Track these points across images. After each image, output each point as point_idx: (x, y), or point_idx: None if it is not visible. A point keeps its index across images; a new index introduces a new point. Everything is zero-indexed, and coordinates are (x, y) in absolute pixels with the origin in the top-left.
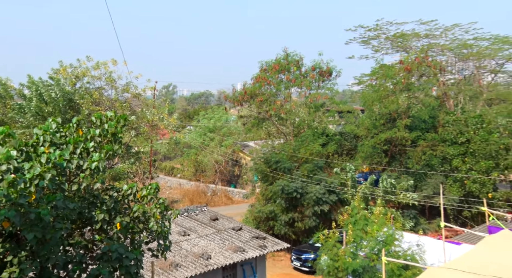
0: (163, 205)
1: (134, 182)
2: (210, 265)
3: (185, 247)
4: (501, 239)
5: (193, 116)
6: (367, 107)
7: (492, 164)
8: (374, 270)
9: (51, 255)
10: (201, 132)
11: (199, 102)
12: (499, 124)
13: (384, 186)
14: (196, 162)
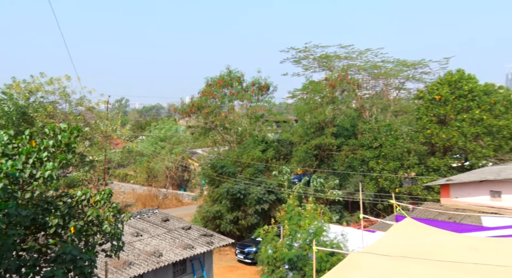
0: (116, 208)
1: (88, 189)
2: (161, 262)
3: (138, 247)
4: (405, 225)
5: (145, 127)
6: (300, 117)
7: (398, 164)
8: (306, 258)
9: (3, 260)
10: (153, 142)
11: (150, 114)
12: (403, 132)
13: (315, 185)
14: (148, 168)
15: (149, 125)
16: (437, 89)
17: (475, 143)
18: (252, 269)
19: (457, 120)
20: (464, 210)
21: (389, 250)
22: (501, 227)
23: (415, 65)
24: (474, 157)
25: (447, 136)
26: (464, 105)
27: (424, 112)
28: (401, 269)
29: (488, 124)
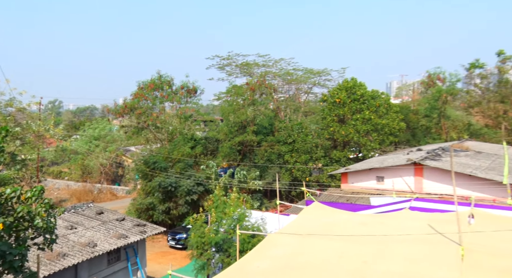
0: (48, 204)
1: (20, 186)
2: (96, 252)
3: (72, 239)
4: (313, 208)
5: (79, 127)
6: (225, 117)
7: (308, 157)
8: (231, 241)
9: None
10: (87, 140)
11: (84, 115)
12: (312, 129)
13: (239, 177)
14: (83, 165)
15: (83, 125)
16: (337, 94)
17: (366, 138)
18: (183, 253)
19: (353, 120)
20: (358, 193)
21: (300, 230)
22: (384, 205)
23: (320, 73)
24: (365, 149)
25: (346, 133)
26: (358, 107)
27: (328, 113)
28: (309, 244)
29: (375, 123)
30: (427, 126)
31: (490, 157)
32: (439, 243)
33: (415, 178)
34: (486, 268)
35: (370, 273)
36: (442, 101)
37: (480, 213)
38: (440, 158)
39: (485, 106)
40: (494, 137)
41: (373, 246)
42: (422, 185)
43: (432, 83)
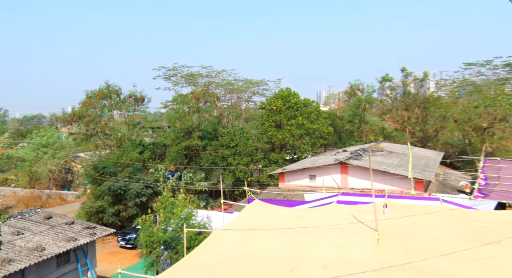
0: None
1: None
2: (44, 255)
3: (19, 244)
4: (254, 205)
5: (26, 135)
6: (172, 124)
7: (250, 159)
8: (179, 239)
9: None
10: (35, 148)
11: (32, 123)
12: (252, 134)
13: (186, 179)
14: (30, 172)
15: (31, 133)
16: (274, 102)
17: (300, 141)
18: (133, 252)
19: (288, 125)
20: (293, 190)
21: (243, 225)
22: (316, 200)
23: (258, 84)
24: (299, 151)
25: (282, 137)
26: (292, 114)
27: (266, 119)
28: (251, 238)
29: (307, 128)
30: (350, 130)
31: (399, 155)
32: (360, 230)
33: (341, 175)
34: (396, 248)
35: (304, 259)
36: (362, 109)
37: (392, 203)
38: (361, 157)
39: (394, 113)
40: (402, 139)
41: (307, 236)
42: (347, 181)
43: (353, 93)
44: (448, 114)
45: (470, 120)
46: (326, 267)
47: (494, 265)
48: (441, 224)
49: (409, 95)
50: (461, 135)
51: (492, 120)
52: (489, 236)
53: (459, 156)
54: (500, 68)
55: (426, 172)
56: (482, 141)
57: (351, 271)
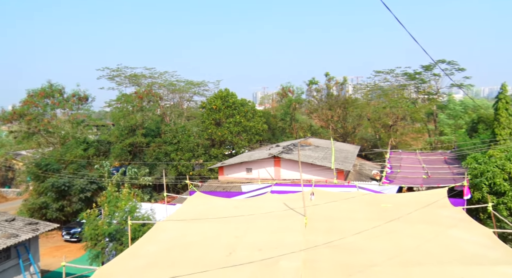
0: None
1: None
2: None
3: None
4: (195, 197)
5: None
6: (116, 122)
7: (191, 154)
8: (123, 231)
9: None
10: None
11: None
12: (193, 131)
13: (130, 174)
14: None
15: None
16: (214, 102)
17: (238, 137)
18: (78, 246)
19: (227, 123)
20: (232, 183)
21: (185, 216)
22: (252, 191)
23: (199, 85)
24: (237, 147)
25: (221, 134)
26: (230, 112)
27: (206, 118)
28: (193, 227)
29: (244, 125)
30: (283, 127)
31: (324, 149)
32: (291, 216)
33: (274, 168)
34: (321, 230)
35: (241, 244)
36: (293, 108)
37: (318, 191)
38: (292, 152)
39: (320, 112)
40: (326, 135)
41: (243, 224)
42: (280, 173)
43: (285, 94)
44: (363, 113)
45: (380, 119)
46: (261, 249)
47: (395, 238)
48: (357, 207)
49: (332, 97)
50: (373, 131)
51: (396, 119)
52: (392, 215)
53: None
54: (400, 76)
55: (346, 163)
56: (388, 136)
57: (283, 252)
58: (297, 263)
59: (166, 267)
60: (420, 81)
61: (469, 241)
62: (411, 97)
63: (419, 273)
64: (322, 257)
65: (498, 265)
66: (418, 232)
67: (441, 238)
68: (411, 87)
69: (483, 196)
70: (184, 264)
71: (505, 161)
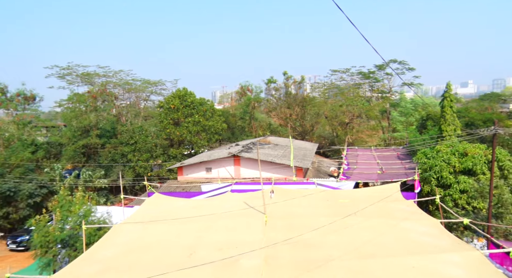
0: None
1: None
2: None
3: None
4: (154, 199)
5: None
6: (68, 123)
7: (149, 155)
8: (77, 236)
9: None
10: None
11: None
12: (151, 131)
13: (84, 177)
14: None
15: None
16: (172, 101)
17: (197, 137)
18: (26, 255)
19: (185, 122)
20: (191, 183)
21: (143, 218)
22: (212, 190)
23: (156, 84)
24: (196, 146)
25: (180, 133)
26: (189, 112)
27: (164, 117)
28: (151, 229)
29: (203, 125)
30: (242, 126)
31: (283, 147)
32: (251, 214)
33: (234, 167)
34: (281, 227)
35: (201, 245)
36: (252, 107)
37: (277, 188)
38: (251, 150)
39: (279, 111)
40: (285, 133)
41: (203, 224)
42: (240, 172)
43: (244, 93)
44: (320, 112)
45: (337, 117)
46: (221, 249)
47: (352, 232)
48: (316, 203)
49: (290, 95)
50: (331, 129)
51: (352, 117)
52: (349, 210)
53: (329, 146)
54: (355, 75)
55: (305, 161)
56: (345, 134)
57: (243, 251)
58: (258, 261)
59: (123, 271)
60: (374, 80)
61: (419, 232)
62: (366, 96)
63: (375, 265)
64: (282, 254)
65: (444, 252)
66: (373, 225)
67: (394, 230)
68: (366, 86)
69: (432, 189)
70: (143, 267)
71: (451, 155)
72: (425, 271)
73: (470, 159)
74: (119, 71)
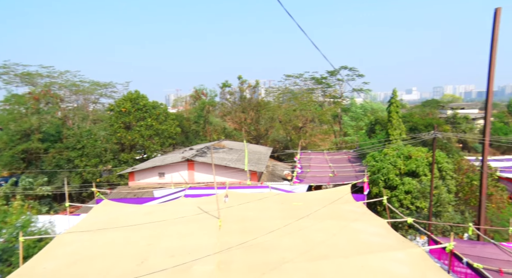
0: None
1: None
2: None
3: None
4: (103, 206)
5: None
6: (4, 126)
7: (98, 160)
8: (13, 249)
9: None
10: None
11: None
12: (101, 135)
13: (24, 185)
14: None
15: None
16: (123, 104)
17: (150, 141)
18: None
19: (138, 126)
20: (143, 188)
21: (90, 226)
22: (165, 195)
23: (106, 86)
24: (149, 151)
25: (132, 138)
26: (141, 115)
27: (115, 121)
28: (99, 238)
29: (156, 128)
30: (196, 130)
31: (238, 151)
32: (205, 219)
33: (188, 171)
34: (235, 231)
35: (153, 252)
36: (206, 111)
37: (232, 193)
38: (206, 154)
39: (234, 115)
40: (240, 137)
41: (155, 230)
42: (194, 176)
43: (198, 97)
44: (275, 116)
45: (290, 121)
46: (173, 256)
47: (305, 234)
48: (269, 207)
49: (245, 99)
50: (285, 133)
51: (305, 121)
52: (302, 212)
53: (283, 150)
54: (308, 80)
55: (259, 165)
56: (299, 138)
57: (197, 256)
58: (211, 266)
59: None
60: (326, 85)
61: (368, 232)
62: (318, 101)
63: (327, 265)
64: (236, 258)
65: (390, 251)
66: (326, 227)
67: (345, 231)
68: (319, 91)
69: (380, 190)
70: None
71: (396, 158)
72: (373, 269)
73: (413, 161)
74: (65, 72)
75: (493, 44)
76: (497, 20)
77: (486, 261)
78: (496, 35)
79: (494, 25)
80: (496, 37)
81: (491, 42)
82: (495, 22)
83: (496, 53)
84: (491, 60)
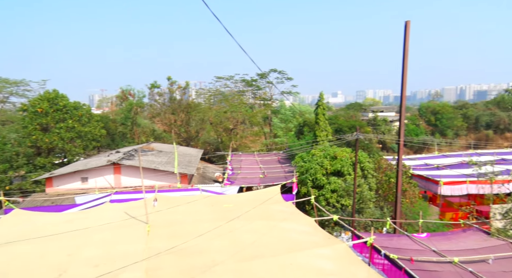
0: None
1: None
2: None
3: None
4: (12, 216)
5: None
6: None
7: (8, 165)
8: None
9: None
10: None
11: None
12: (11, 138)
13: None
14: None
15: None
16: (39, 104)
17: (71, 144)
18: None
19: (57, 128)
20: (63, 195)
21: None
22: (88, 202)
23: (17, 84)
24: (70, 155)
25: (50, 140)
26: (61, 116)
27: (29, 122)
28: (9, 252)
29: (78, 131)
30: (123, 132)
31: (167, 154)
32: (133, 225)
33: (114, 175)
34: (164, 236)
35: (74, 263)
36: (134, 112)
37: (161, 196)
38: (133, 157)
39: (163, 116)
40: (169, 139)
41: (77, 240)
42: (121, 180)
43: (125, 98)
44: (205, 117)
45: (221, 123)
46: (97, 265)
47: (235, 235)
48: (200, 209)
49: (175, 101)
50: (216, 135)
51: (236, 123)
52: (233, 214)
53: (215, 152)
54: (239, 83)
55: (190, 167)
56: (230, 139)
57: (123, 264)
58: (139, 273)
59: None
60: (257, 88)
61: (297, 231)
62: (249, 103)
63: (257, 265)
64: (165, 263)
65: (317, 248)
66: (256, 228)
67: (274, 231)
68: (249, 93)
69: (308, 190)
70: None
71: (323, 158)
72: (300, 266)
73: (339, 161)
74: None
75: (405, 54)
76: (407, 32)
77: (400, 251)
78: (407, 45)
79: (405, 36)
80: (407, 47)
81: (403, 51)
82: (406, 33)
83: (408, 61)
84: (404, 68)
